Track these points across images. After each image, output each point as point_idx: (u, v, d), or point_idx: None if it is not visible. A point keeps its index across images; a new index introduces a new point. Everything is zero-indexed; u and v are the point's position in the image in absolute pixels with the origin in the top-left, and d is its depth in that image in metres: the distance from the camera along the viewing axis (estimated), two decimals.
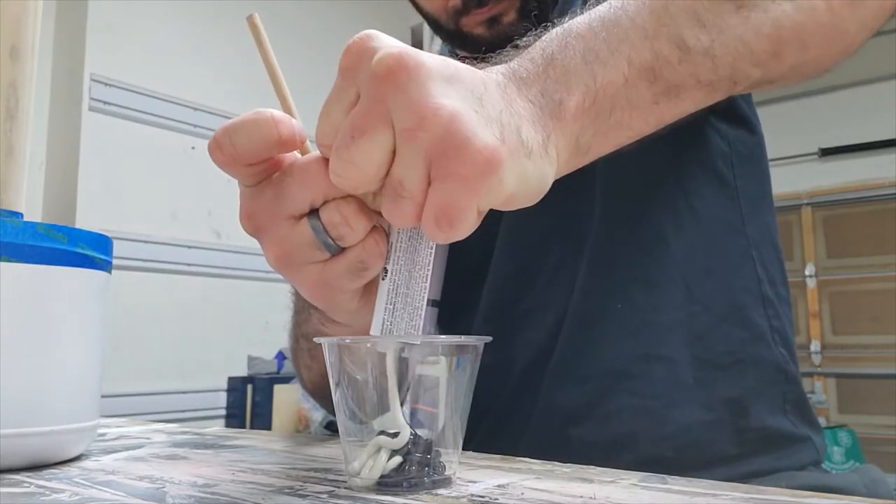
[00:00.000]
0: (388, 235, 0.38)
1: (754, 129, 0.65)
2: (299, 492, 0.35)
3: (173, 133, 2.40)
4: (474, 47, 0.67)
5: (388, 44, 0.33)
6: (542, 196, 0.36)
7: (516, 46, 0.40)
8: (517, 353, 0.61)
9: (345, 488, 0.36)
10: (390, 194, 0.33)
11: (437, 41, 0.76)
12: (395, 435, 0.35)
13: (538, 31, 0.41)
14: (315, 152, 0.37)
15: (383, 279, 0.38)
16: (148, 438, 0.55)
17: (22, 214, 0.45)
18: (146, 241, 2.29)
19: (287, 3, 2.66)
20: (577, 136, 0.37)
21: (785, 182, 3.10)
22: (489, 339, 0.37)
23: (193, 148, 2.45)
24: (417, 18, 0.71)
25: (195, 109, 2.45)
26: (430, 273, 0.37)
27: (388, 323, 0.37)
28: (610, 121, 0.39)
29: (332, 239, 0.37)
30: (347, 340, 0.36)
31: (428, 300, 0.37)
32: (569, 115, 0.37)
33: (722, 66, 0.41)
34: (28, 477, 0.38)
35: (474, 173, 0.31)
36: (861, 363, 3.20)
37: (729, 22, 0.41)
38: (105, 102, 2.23)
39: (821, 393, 3.25)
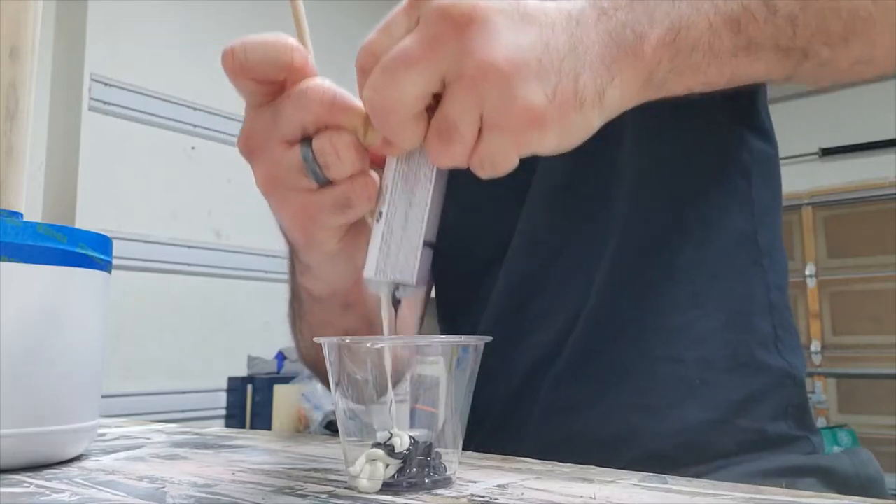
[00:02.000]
0: (382, 178, 0.38)
1: (772, 141, 0.66)
2: (299, 492, 0.35)
3: (173, 133, 2.40)
4: None
5: None
6: (582, 141, 0.37)
7: None
8: (524, 354, 0.61)
9: (345, 488, 0.36)
10: (441, 134, 0.34)
11: None
12: (392, 449, 0.35)
13: None
14: (317, 77, 0.37)
15: (378, 221, 0.37)
16: (148, 438, 0.55)
17: (22, 214, 0.45)
18: (146, 241, 2.29)
19: (287, 3, 2.66)
20: (653, 70, 0.38)
21: (785, 182, 3.08)
22: (489, 339, 0.37)
23: (193, 148, 2.45)
24: None
25: (195, 109, 2.45)
26: (426, 214, 0.37)
27: (382, 265, 0.37)
28: (689, 61, 0.39)
29: (321, 168, 0.37)
30: (347, 340, 0.36)
31: (424, 241, 0.37)
32: (648, 48, 0.37)
33: (800, 36, 0.42)
34: (28, 477, 0.38)
35: (521, 129, 0.33)
36: (861, 363, 3.20)
37: None
38: (105, 102, 2.23)
39: (821, 393, 3.25)
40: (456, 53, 0.33)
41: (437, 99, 0.35)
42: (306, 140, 0.37)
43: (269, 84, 0.38)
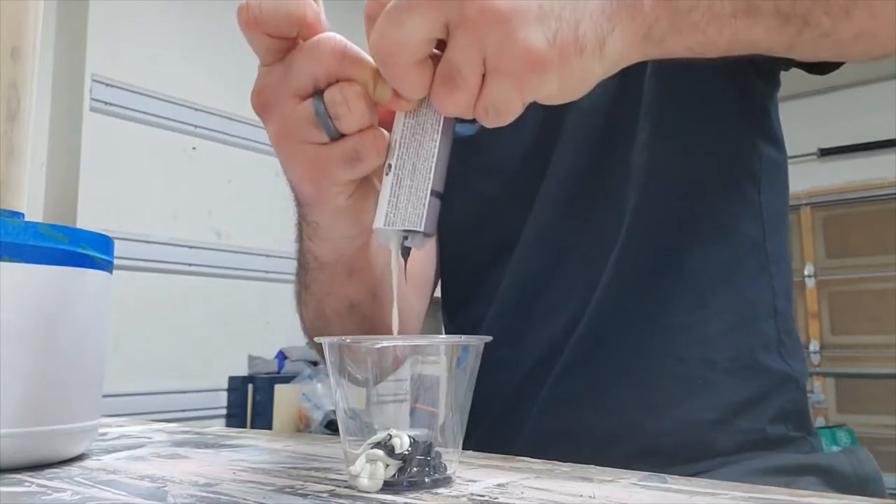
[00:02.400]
0: (391, 134, 0.39)
1: (782, 148, 0.67)
2: (300, 491, 0.35)
3: (173, 133, 2.40)
4: None
5: None
6: (584, 92, 0.37)
7: None
8: (529, 348, 0.62)
9: (345, 487, 0.36)
10: (446, 80, 0.35)
11: None
12: (391, 449, 0.35)
13: None
14: (329, 32, 0.38)
15: (387, 174, 0.38)
16: (149, 438, 0.55)
17: (23, 214, 0.45)
18: (146, 241, 2.29)
19: None
20: (652, 24, 0.38)
21: None
22: (489, 338, 0.38)
23: (194, 148, 2.45)
24: None
25: (195, 109, 2.45)
26: (434, 164, 0.38)
27: (392, 215, 0.37)
28: (687, 18, 0.39)
29: (332, 120, 0.37)
30: (347, 340, 0.36)
31: (432, 190, 0.38)
32: (648, 2, 0.37)
33: (800, 3, 0.42)
34: (29, 476, 0.39)
35: (523, 72, 0.34)
36: (860, 363, 3.20)
37: None
38: (106, 103, 2.23)
39: (819, 393, 3.25)
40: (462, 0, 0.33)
41: (442, 49, 0.35)
42: (318, 94, 0.38)
43: (281, 39, 0.38)
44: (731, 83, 0.61)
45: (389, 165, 0.38)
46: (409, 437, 0.35)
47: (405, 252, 0.39)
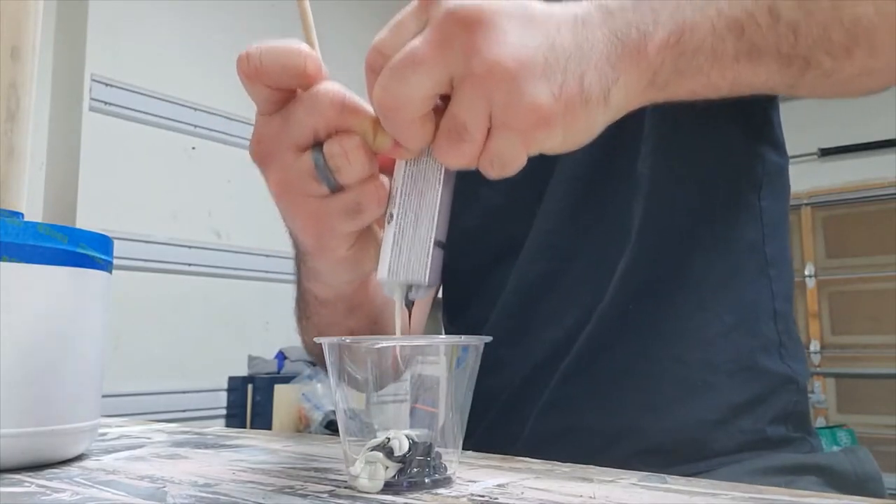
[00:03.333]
0: (392, 182, 0.39)
1: (784, 153, 0.67)
2: (299, 491, 0.35)
3: (173, 133, 2.40)
4: None
5: None
6: (589, 140, 0.38)
7: None
8: (530, 351, 0.62)
9: (345, 488, 0.36)
10: (451, 135, 0.35)
11: None
12: (391, 451, 0.35)
13: None
14: (327, 81, 0.38)
15: (388, 223, 0.38)
16: (148, 438, 0.55)
17: (23, 214, 0.45)
18: (146, 241, 2.29)
19: (289, 2, 2.66)
20: (656, 70, 0.38)
21: None
22: (489, 338, 0.38)
23: (193, 148, 2.45)
24: None
25: (195, 109, 2.45)
26: (436, 215, 0.38)
27: (395, 266, 0.37)
28: (691, 63, 0.39)
29: (332, 172, 0.37)
30: (347, 340, 0.36)
31: (434, 241, 0.38)
32: (653, 48, 0.37)
33: (801, 45, 0.42)
34: (29, 476, 0.39)
35: (529, 127, 0.34)
36: (860, 363, 3.20)
37: (821, 4, 0.42)
38: (105, 103, 2.23)
39: (820, 393, 3.25)
40: (464, 54, 0.33)
41: (444, 100, 0.35)
42: (318, 145, 0.37)
43: (281, 91, 0.38)
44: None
45: (391, 214, 0.38)
46: (409, 438, 0.35)
47: (409, 303, 0.39)
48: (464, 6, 0.33)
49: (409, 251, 0.37)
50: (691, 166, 0.60)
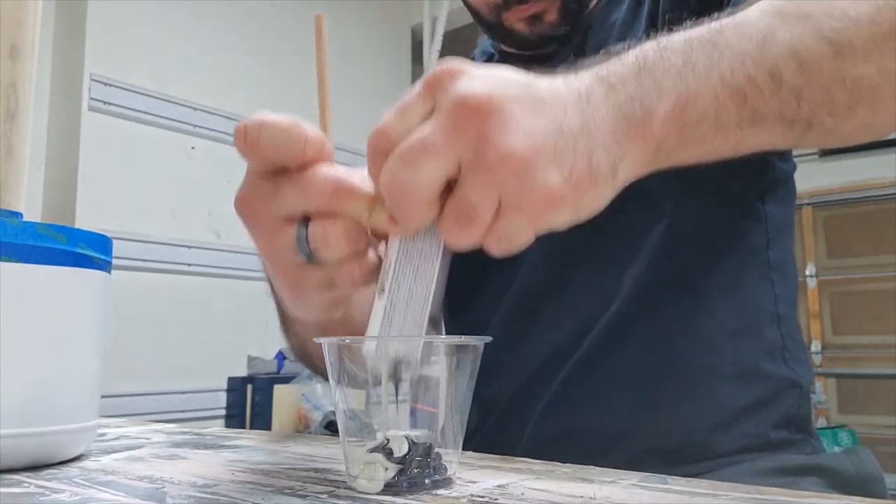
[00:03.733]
0: (385, 254, 0.38)
1: (790, 160, 0.67)
2: (299, 492, 0.35)
3: (173, 133, 2.40)
4: (515, 43, 0.69)
5: (478, 74, 0.35)
6: (596, 213, 0.38)
7: (608, 52, 0.41)
8: (532, 354, 0.63)
9: (345, 488, 0.36)
10: (459, 216, 0.34)
11: (437, 41, 0.77)
12: (391, 453, 0.35)
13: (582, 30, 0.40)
14: (322, 163, 0.38)
15: (379, 297, 0.37)
16: (148, 438, 0.55)
17: (22, 214, 0.45)
18: (146, 241, 2.29)
19: (288, 2, 2.66)
20: (661, 142, 0.38)
21: None
22: (489, 339, 0.38)
23: (193, 148, 2.45)
24: (418, 19, 0.72)
25: (195, 109, 2.45)
26: (432, 291, 0.37)
27: (384, 341, 0.36)
28: (695, 133, 0.39)
29: (311, 250, 0.38)
30: (347, 340, 0.36)
31: (428, 318, 0.37)
32: (657, 121, 0.37)
33: (804, 109, 0.42)
34: (28, 477, 0.38)
35: (539, 209, 0.34)
36: (861, 363, 3.20)
37: (823, 67, 0.42)
38: (105, 102, 2.23)
39: (821, 393, 3.25)
40: (475, 142, 0.33)
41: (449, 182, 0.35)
42: (305, 220, 0.38)
43: (276, 165, 0.38)
44: None
45: (383, 287, 0.37)
46: (408, 439, 0.35)
47: (396, 377, 0.37)
48: (473, 93, 0.33)
49: (400, 327, 0.36)
50: (700, 174, 0.61)
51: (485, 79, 0.34)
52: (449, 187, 0.35)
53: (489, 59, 0.77)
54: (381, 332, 0.36)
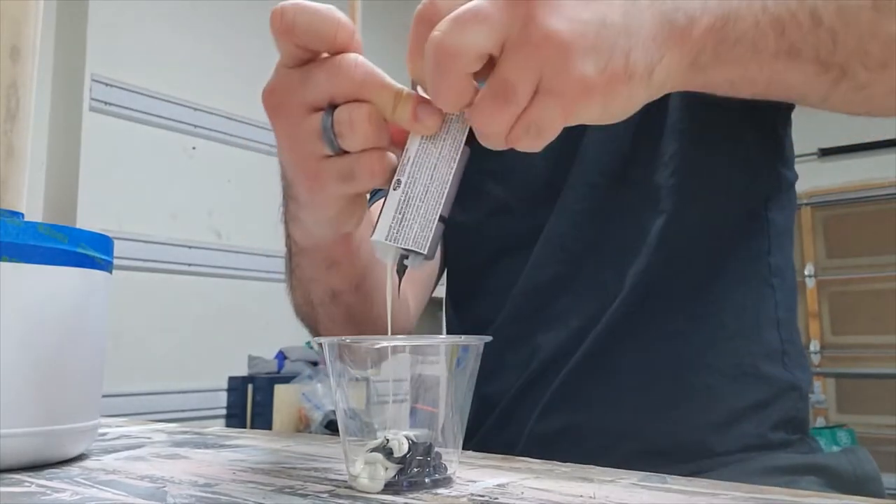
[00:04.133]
0: (404, 151, 0.38)
1: (792, 167, 0.68)
2: (299, 491, 0.35)
3: (173, 133, 2.40)
4: None
5: None
6: (627, 116, 0.38)
7: None
8: (535, 353, 0.63)
9: (345, 488, 0.36)
10: (497, 95, 0.35)
11: None
12: (390, 453, 0.35)
13: None
14: (352, 52, 0.38)
15: (395, 189, 0.38)
16: (148, 438, 0.55)
17: (23, 214, 0.45)
18: (146, 241, 2.29)
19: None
20: (698, 52, 0.39)
21: None
22: (489, 338, 0.38)
23: (194, 148, 2.45)
24: None
25: (195, 109, 2.45)
26: (447, 190, 0.38)
27: (395, 231, 0.37)
28: (732, 52, 0.40)
29: (335, 137, 0.38)
30: (347, 340, 0.36)
31: (440, 216, 0.38)
32: (697, 32, 0.38)
33: (839, 52, 0.43)
34: (29, 476, 0.39)
35: (572, 97, 0.35)
36: (860, 363, 3.20)
37: (861, 17, 0.43)
38: (105, 103, 2.23)
39: (820, 393, 3.25)
40: (524, 19, 0.34)
41: (485, 69, 0.36)
42: (331, 108, 0.39)
43: (308, 50, 0.39)
44: (751, 108, 0.63)
45: (399, 181, 0.38)
46: (408, 438, 0.35)
47: (401, 269, 0.39)
48: None
49: (412, 220, 0.37)
50: (707, 179, 0.61)
51: None
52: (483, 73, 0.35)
53: None
54: (392, 224, 0.37)
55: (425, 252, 0.37)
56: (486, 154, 0.64)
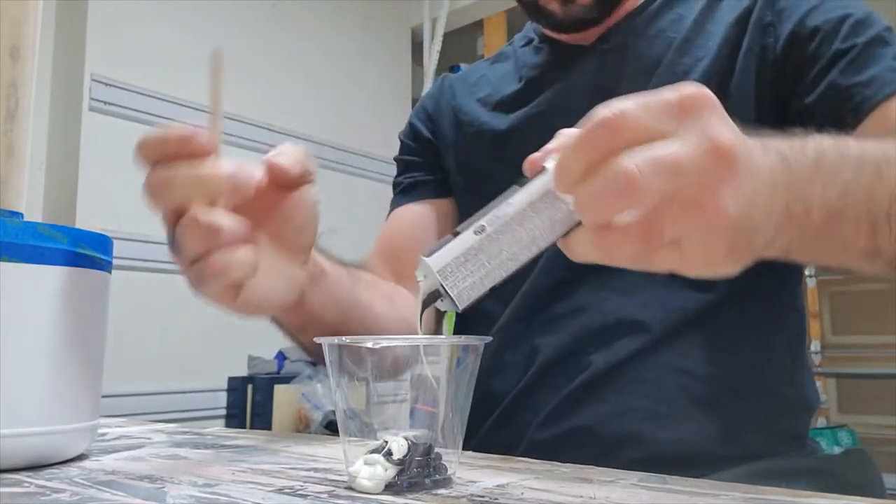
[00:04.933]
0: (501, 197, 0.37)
1: None
2: (299, 492, 0.35)
3: None
4: (549, 24, 0.70)
5: (726, 115, 0.35)
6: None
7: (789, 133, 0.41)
8: (538, 351, 0.63)
9: (345, 488, 0.36)
10: (641, 235, 0.34)
11: (437, 42, 0.78)
12: (390, 454, 0.35)
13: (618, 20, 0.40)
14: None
15: (476, 234, 0.36)
16: (148, 438, 0.55)
17: (22, 214, 0.45)
18: (146, 241, 2.29)
19: (288, 2, 2.66)
20: (798, 242, 0.40)
21: None
22: (489, 339, 0.38)
23: None
24: (418, 19, 0.72)
25: (195, 109, 2.45)
26: (515, 268, 0.36)
27: (450, 271, 0.36)
28: (825, 248, 0.41)
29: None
30: (347, 340, 0.36)
31: (493, 285, 0.37)
32: (809, 227, 0.39)
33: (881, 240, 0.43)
34: (28, 477, 0.39)
35: (692, 263, 0.36)
36: (861, 363, 3.20)
37: None
38: (105, 103, 2.23)
39: (821, 393, 3.25)
40: (710, 186, 0.33)
41: None
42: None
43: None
44: None
45: (482, 227, 0.36)
46: (408, 440, 0.35)
47: (428, 302, 0.37)
48: (725, 138, 0.33)
49: (471, 272, 0.36)
50: None
51: (731, 124, 0.35)
52: None
53: (527, 43, 0.77)
54: (452, 264, 0.36)
55: (460, 309, 0.36)
56: (502, 143, 0.64)
